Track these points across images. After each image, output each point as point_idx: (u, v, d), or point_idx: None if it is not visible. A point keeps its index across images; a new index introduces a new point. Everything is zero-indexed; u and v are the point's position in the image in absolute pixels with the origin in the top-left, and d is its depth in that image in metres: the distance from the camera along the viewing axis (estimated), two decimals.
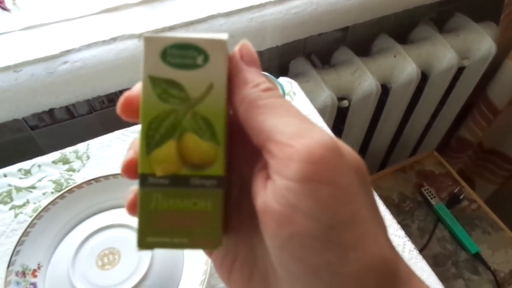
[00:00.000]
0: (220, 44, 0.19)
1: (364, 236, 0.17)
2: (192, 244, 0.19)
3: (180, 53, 0.18)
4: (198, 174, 0.19)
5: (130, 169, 0.19)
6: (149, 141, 0.18)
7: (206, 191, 0.19)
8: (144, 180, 0.18)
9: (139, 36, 0.66)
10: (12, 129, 0.73)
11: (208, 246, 0.19)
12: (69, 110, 0.75)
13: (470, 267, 0.98)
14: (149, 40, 0.18)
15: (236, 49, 0.20)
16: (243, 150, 0.21)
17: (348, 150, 0.19)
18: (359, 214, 0.17)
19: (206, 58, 0.19)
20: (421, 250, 0.99)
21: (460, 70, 0.98)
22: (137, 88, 0.19)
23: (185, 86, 0.18)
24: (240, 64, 0.19)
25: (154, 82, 0.18)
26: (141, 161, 0.18)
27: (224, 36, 0.19)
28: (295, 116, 0.18)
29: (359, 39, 0.95)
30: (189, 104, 0.18)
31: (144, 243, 0.19)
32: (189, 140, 0.19)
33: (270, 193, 0.17)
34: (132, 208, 0.19)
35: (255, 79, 0.19)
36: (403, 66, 0.90)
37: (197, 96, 0.18)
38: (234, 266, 0.21)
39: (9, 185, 0.54)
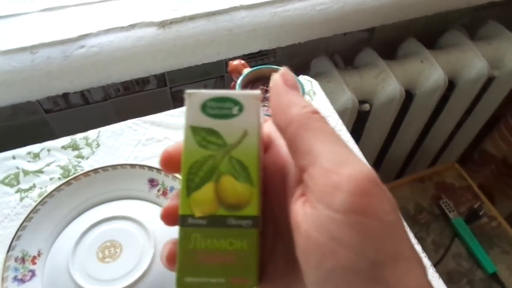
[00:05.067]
0: (253, 96, 0.20)
1: (407, 274, 0.17)
2: (229, 284, 0.19)
3: (218, 105, 0.20)
4: (234, 214, 0.20)
5: (168, 216, 0.20)
6: (189, 184, 0.20)
7: (242, 231, 0.20)
8: (184, 221, 0.20)
9: (158, 24, 0.65)
10: (27, 112, 0.72)
11: (244, 286, 0.19)
12: (84, 96, 0.74)
13: (486, 287, 0.94)
14: (190, 95, 0.21)
15: (277, 74, 0.21)
16: (275, 196, 0.21)
17: (384, 186, 0.18)
18: (403, 252, 0.17)
19: (240, 109, 0.20)
20: (435, 265, 0.95)
21: (490, 80, 0.94)
22: (176, 144, 0.21)
23: (222, 134, 0.20)
24: (284, 87, 0.20)
25: (194, 131, 0.20)
26: (181, 202, 0.20)
27: (257, 92, 0.21)
28: (342, 145, 0.19)
29: (385, 41, 0.92)
30: (225, 150, 0.20)
31: (182, 283, 0.19)
32: (226, 182, 0.20)
33: (312, 223, 0.17)
34: (171, 259, 0.20)
35: (301, 101, 0.20)
36: (429, 72, 0.86)
37: (233, 142, 0.20)
38: None
39: (17, 168, 0.53)
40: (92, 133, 0.57)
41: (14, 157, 0.54)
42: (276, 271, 0.21)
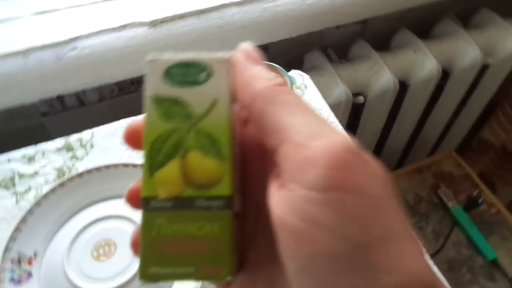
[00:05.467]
0: (223, 60, 0.18)
1: (400, 256, 0.14)
2: (199, 275, 0.17)
3: (182, 71, 0.18)
4: (204, 194, 0.17)
5: (132, 198, 0.18)
6: (152, 162, 0.18)
7: (212, 213, 0.17)
8: (147, 204, 0.17)
9: (149, 23, 0.65)
10: (23, 115, 0.73)
11: (217, 276, 0.17)
12: (80, 98, 0.75)
13: (487, 274, 0.94)
14: (151, 62, 0.18)
15: (239, 50, 0.19)
16: (257, 176, 0.19)
17: (368, 156, 0.16)
18: (394, 230, 0.15)
19: (208, 75, 0.18)
20: (435, 254, 0.95)
21: (484, 68, 0.94)
22: (141, 118, 0.19)
23: (188, 104, 0.18)
24: (246, 62, 0.18)
25: (157, 102, 0.18)
26: (144, 184, 0.18)
27: (227, 55, 0.19)
28: (313, 116, 0.17)
29: (378, 33, 0.92)
30: (192, 122, 0.18)
31: (146, 274, 0.17)
32: (193, 158, 0.18)
33: (286, 205, 0.15)
34: (135, 244, 0.18)
35: (265, 74, 0.18)
36: (423, 62, 0.86)
37: (201, 112, 0.18)
38: None
39: (13, 171, 0.54)
40: (86, 134, 0.58)
41: (9, 160, 0.55)
42: (258, 258, 0.19)
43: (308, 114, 0.17)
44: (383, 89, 0.84)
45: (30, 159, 0.55)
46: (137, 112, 0.62)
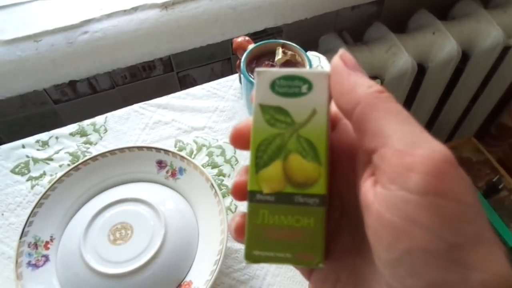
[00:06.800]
0: (323, 75, 0.20)
1: (488, 257, 0.16)
2: (295, 260, 0.20)
3: (287, 83, 0.21)
4: (302, 192, 0.20)
5: (237, 191, 0.21)
6: (258, 162, 0.20)
7: (309, 208, 0.20)
8: (253, 196, 0.20)
9: (161, 5, 0.63)
10: (35, 103, 0.72)
11: (310, 263, 0.20)
12: (92, 85, 0.74)
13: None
14: (260, 73, 0.21)
15: (336, 56, 0.20)
16: (343, 175, 0.21)
17: (459, 166, 0.18)
18: (484, 234, 0.16)
19: (310, 87, 0.20)
20: None
21: (506, 49, 0.90)
22: (245, 120, 0.21)
23: (291, 112, 0.20)
24: (345, 69, 0.20)
25: (263, 109, 0.20)
26: (250, 179, 0.20)
27: (327, 70, 0.21)
28: (414, 125, 0.18)
29: (395, 14, 0.89)
30: (294, 128, 0.20)
31: (250, 256, 0.20)
32: (293, 160, 0.20)
33: (384, 203, 0.17)
34: (239, 231, 0.21)
35: (366, 82, 0.19)
36: (442, 43, 0.83)
37: (301, 120, 0.20)
38: None
39: (27, 156, 0.53)
40: (99, 119, 0.57)
41: (23, 146, 0.54)
42: (342, 249, 0.21)
43: (408, 122, 0.18)
44: (400, 72, 0.82)
45: (44, 144, 0.54)
46: (149, 98, 0.61)
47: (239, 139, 0.21)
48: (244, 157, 0.53)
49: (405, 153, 0.17)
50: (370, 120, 0.18)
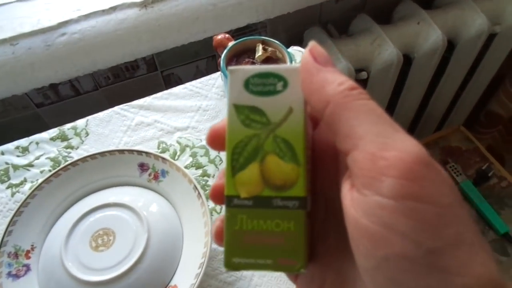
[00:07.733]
0: (298, 70, 0.19)
1: (470, 260, 0.15)
2: (276, 266, 0.19)
3: (261, 81, 0.20)
4: (280, 195, 0.19)
5: (217, 194, 0.20)
6: (234, 165, 0.19)
7: (288, 212, 0.19)
8: (230, 202, 0.19)
9: (140, 4, 0.62)
10: (17, 107, 0.71)
11: (292, 268, 0.19)
12: (74, 87, 0.73)
13: (499, 248, 0.92)
14: (233, 71, 0.20)
15: (306, 50, 0.19)
16: (326, 173, 0.21)
17: (438, 165, 0.17)
18: (464, 236, 0.16)
19: (285, 84, 0.20)
20: None
21: (491, 37, 0.90)
22: (222, 121, 0.20)
23: (266, 111, 0.20)
24: (315, 65, 0.18)
25: (237, 109, 0.20)
26: (227, 183, 0.20)
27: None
28: (386, 123, 0.17)
29: (380, 6, 0.88)
30: (270, 128, 0.19)
31: (230, 263, 0.19)
32: (270, 162, 0.19)
33: (360, 209, 0.16)
34: (219, 236, 0.20)
35: (337, 78, 0.18)
36: (427, 33, 0.83)
37: (278, 120, 0.19)
38: None
39: (6, 163, 0.52)
40: (80, 122, 0.56)
41: (2, 153, 0.53)
42: (327, 251, 0.20)
43: (380, 121, 0.17)
44: (386, 64, 0.81)
45: (24, 150, 0.53)
46: (135, 99, 0.60)
47: (216, 140, 0.20)
48: None
49: (377, 156, 0.16)
50: (341, 120, 0.17)
